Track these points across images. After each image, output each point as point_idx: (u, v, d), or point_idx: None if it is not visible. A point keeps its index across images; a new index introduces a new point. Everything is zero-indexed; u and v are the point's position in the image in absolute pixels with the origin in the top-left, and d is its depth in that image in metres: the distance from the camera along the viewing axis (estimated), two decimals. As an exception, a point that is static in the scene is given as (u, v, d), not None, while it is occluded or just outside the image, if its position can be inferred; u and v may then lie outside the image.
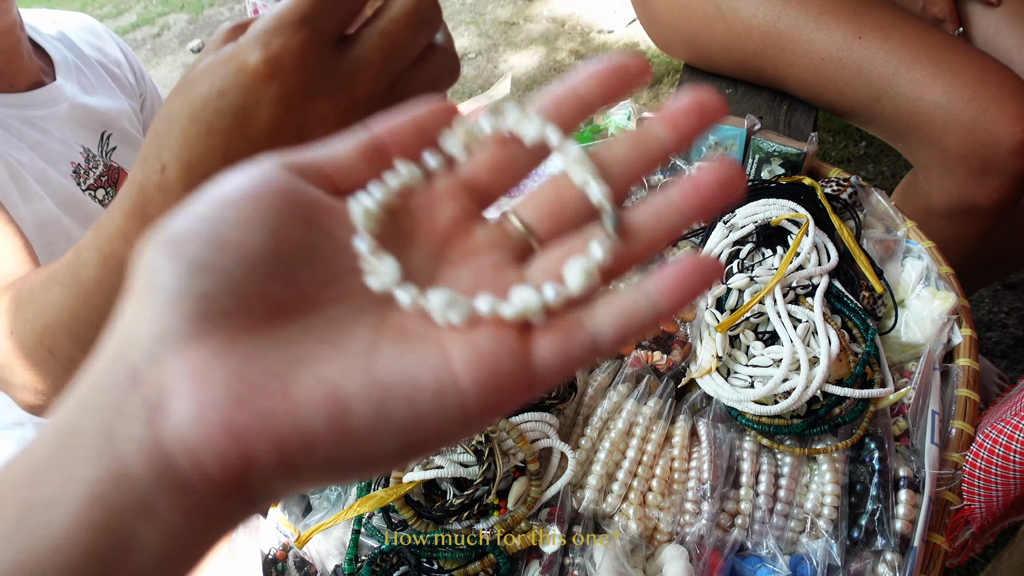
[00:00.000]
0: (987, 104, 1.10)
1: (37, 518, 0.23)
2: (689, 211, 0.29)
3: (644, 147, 0.30)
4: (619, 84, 0.30)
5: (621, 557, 0.71)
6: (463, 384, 0.26)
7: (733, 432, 0.80)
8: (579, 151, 0.30)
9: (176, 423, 0.24)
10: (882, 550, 0.73)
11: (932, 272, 0.91)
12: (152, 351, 0.25)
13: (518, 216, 0.31)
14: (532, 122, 0.30)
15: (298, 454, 0.24)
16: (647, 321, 0.27)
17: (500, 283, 0.29)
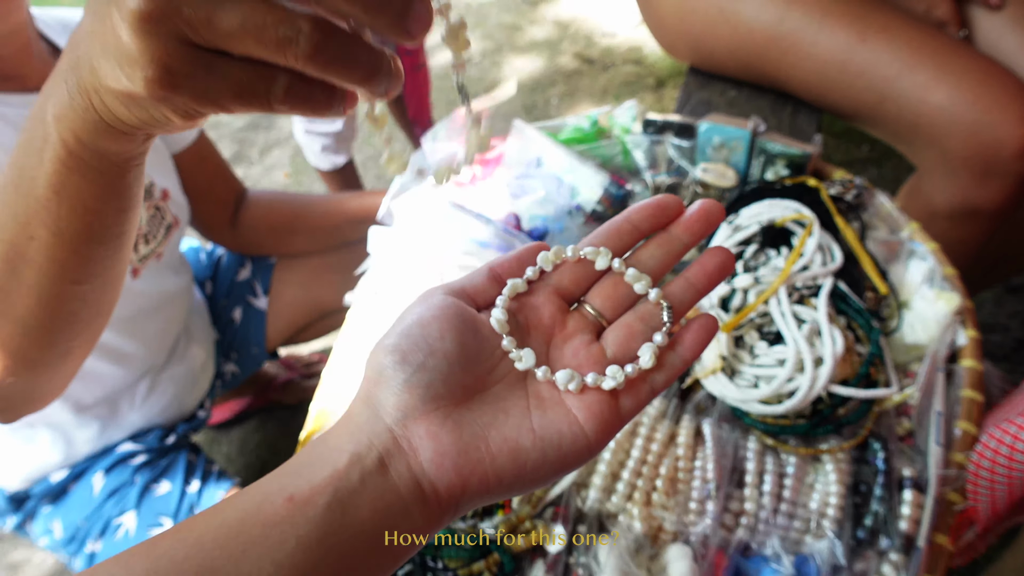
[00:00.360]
0: (990, 107, 1.10)
1: (338, 511, 0.37)
2: (702, 288, 0.47)
3: (672, 248, 0.47)
4: (663, 217, 0.47)
5: (626, 556, 0.71)
6: (587, 431, 0.42)
7: (738, 432, 0.81)
8: (635, 273, 0.46)
9: (423, 464, 0.40)
10: (886, 550, 0.73)
11: (936, 273, 0.91)
12: (399, 419, 0.40)
13: (591, 305, 0.47)
14: (602, 256, 0.47)
15: (493, 484, 0.40)
16: (680, 370, 0.45)
17: (590, 356, 0.45)
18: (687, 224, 0.47)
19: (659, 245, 0.47)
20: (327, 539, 0.37)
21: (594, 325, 0.47)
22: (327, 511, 0.37)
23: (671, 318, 0.45)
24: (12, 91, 1.02)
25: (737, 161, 1.04)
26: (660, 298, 0.46)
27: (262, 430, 1.94)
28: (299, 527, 0.37)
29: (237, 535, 0.37)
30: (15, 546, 1.80)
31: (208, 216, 1.39)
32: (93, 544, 1.19)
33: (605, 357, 0.45)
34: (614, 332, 0.46)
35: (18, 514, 1.23)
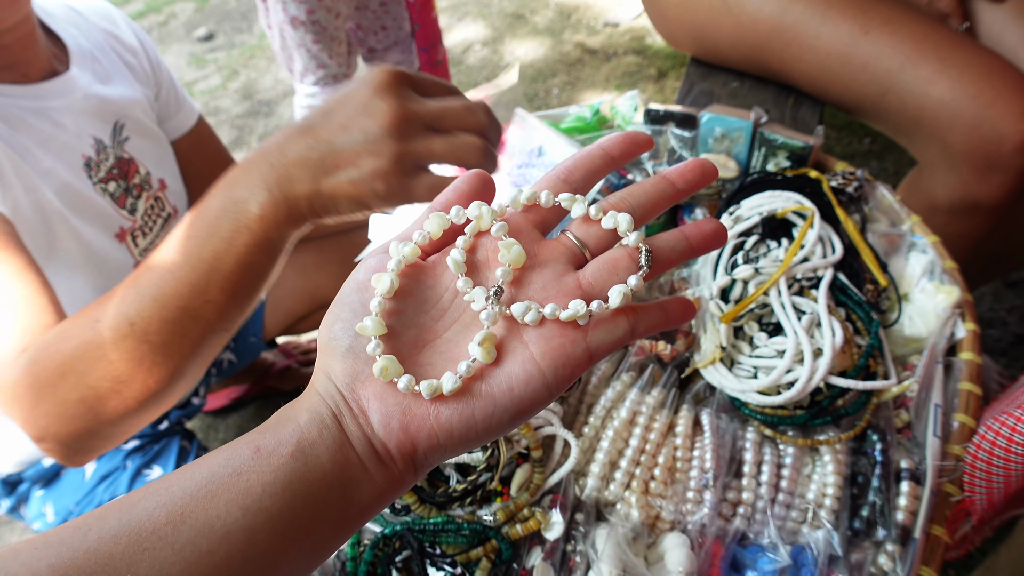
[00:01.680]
0: (992, 101, 1.10)
1: (300, 460, 0.39)
2: (696, 246, 0.46)
3: (664, 191, 0.47)
4: (635, 148, 0.48)
5: (623, 544, 0.71)
6: (543, 368, 0.41)
7: (736, 422, 0.81)
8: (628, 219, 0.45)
9: (373, 425, 0.41)
10: (883, 541, 0.73)
11: (936, 266, 0.91)
12: (348, 384, 0.41)
13: (572, 233, 0.46)
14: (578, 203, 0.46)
15: (444, 439, 0.40)
16: (663, 324, 0.45)
17: (564, 286, 0.44)
18: (681, 171, 0.47)
19: (652, 185, 0.47)
20: (291, 486, 0.38)
21: (575, 256, 0.46)
22: (290, 459, 0.39)
23: (649, 262, 0.44)
24: (11, 82, 1.01)
25: (739, 152, 1.04)
26: (640, 241, 0.44)
27: (259, 417, 1.94)
28: (264, 475, 0.38)
29: (207, 484, 0.38)
30: (11, 529, 1.81)
31: None
32: None
33: (579, 289, 0.44)
34: (596, 264, 0.45)
35: (11, 497, 1.24)
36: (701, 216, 1.05)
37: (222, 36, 3.52)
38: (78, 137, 1.08)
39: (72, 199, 1.06)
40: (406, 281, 0.44)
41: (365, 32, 2.05)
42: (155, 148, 1.24)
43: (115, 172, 1.14)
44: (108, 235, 1.14)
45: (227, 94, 3.16)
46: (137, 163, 1.19)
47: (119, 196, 1.15)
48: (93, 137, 1.11)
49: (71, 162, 1.07)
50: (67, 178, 1.05)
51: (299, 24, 1.83)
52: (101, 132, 1.13)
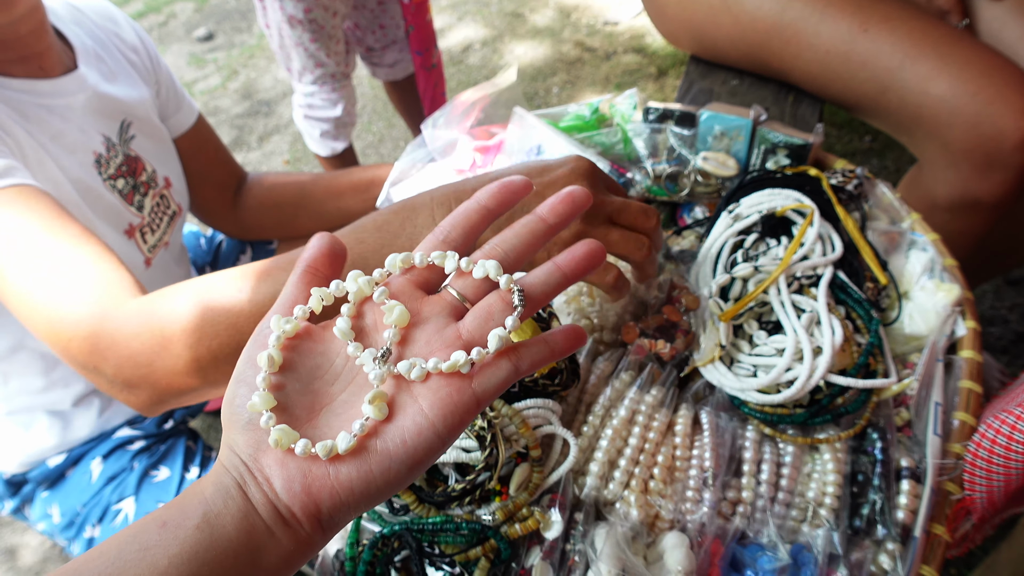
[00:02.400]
0: (992, 98, 1.10)
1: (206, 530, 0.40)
2: (570, 274, 0.48)
3: (535, 229, 0.49)
4: (512, 196, 0.50)
5: (622, 544, 0.71)
6: (433, 419, 0.43)
7: (735, 421, 0.81)
8: (495, 264, 0.47)
9: (277, 491, 0.42)
10: (883, 540, 0.73)
11: (937, 264, 0.91)
12: (251, 454, 0.43)
13: (455, 289, 0.48)
14: (450, 259, 0.48)
15: (345, 497, 0.42)
16: (548, 357, 0.46)
17: (446, 339, 0.46)
18: (552, 206, 0.49)
19: (523, 226, 0.49)
20: (199, 556, 0.40)
21: (456, 309, 0.48)
22: (196, 532, 0.41)
23: (523, 301, 0.46)
24: (27, 76, 1.02)
25: (738, 150, 1.04)
26: (511, 283, 0.46)
27: (260, 417, 1.94)
28: (171, 547, 0.40)
29: (114, 561, 0.40)
30: (13, 531, 1.81)
31: (208, 201, 1.39)
32: (92, 530, 1.20)
33: (460, 340, 0.46)
34: (473, 314, 0.47)
35: (15, 498, 1.24)
36: (700, 214, 1.05)
37: (222, 36, 3.52)
38: (88, 134, 1.09)
39: (86, 194, 1.07)
40: (293, 353, 0.47)
41: (363, 31, 2.05)
42: (160, 147, 1.25)
43: (124, 169, 1.15)
44: (118, 231, 1.15)
45: (227, 94, 3.15)
46: (144, 161, 1.19)
47: (127, 193, 1.15)
48: (102, 135, 1.12)
49: (82, 158, 1.08)
50: (80, 173, 1.06)
51: (296, 23, 1.83)
52: (109, 130, 1.13)
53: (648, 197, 1.07)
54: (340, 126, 2.04)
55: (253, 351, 0.46)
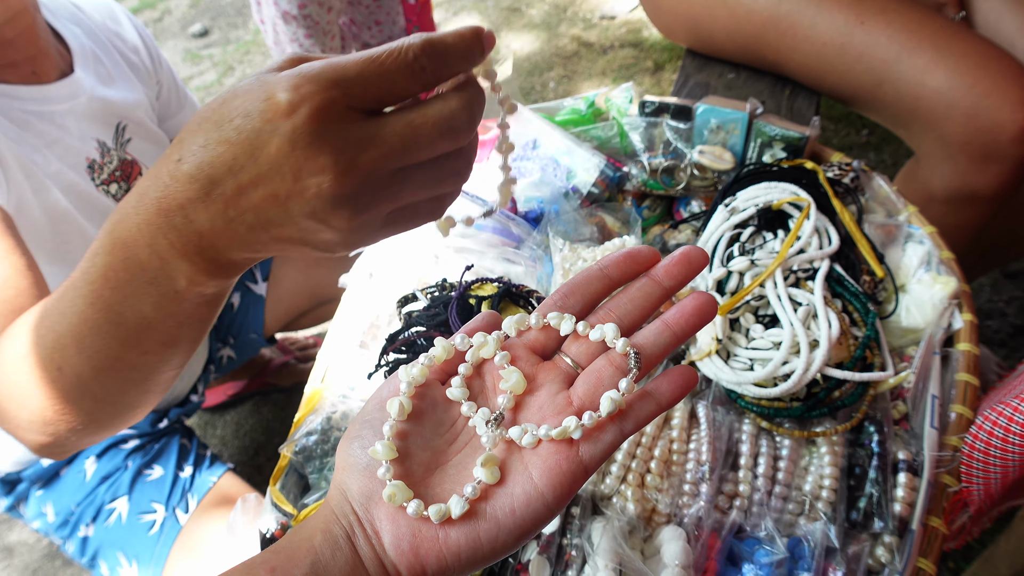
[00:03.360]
0: (989, 91, 1.09)
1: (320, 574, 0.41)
2: (680, 333, 0.47)
3: (650, 293, 0.48)
4: (636, 267, 0.48)
5: (619, 538, 0.71)
6: (542, 489, 0.43)
7: (732, 415, 0.80)
8: (613, 328, 0.47)
9: (385, 546, 0.42)
10: (880, 533, 0.73)
11: (933, 257, 0.90)
12: (363, 503, 0.43)
13: (569, 355, 0.48)
14: (566, 321, 0.48)
15: (450, 561, 0.42)
16: (655, 414, 0.45)
17: (555, 407, 0.46)
18: (667, 269, 0.48)
19: (638, 289, 0.48)
20: None
21: (568, 376, 0.48)
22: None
23: (638, 364, 0.45)
24: (18, 82, 1.00)
25: (734, 143, 1.04)
26: (627, 346, 0.46)
27: (257, 413, 1.94)
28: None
29: None
30: (10, 528, 1.80)
31: None
32: (86, 529, 1.19)
33: (571, 406, 0.46)
34: (583, 380, 0.47)
35: (10, 496, 1.23)
36: (696, 207, 1.05)
37: (217, 32, 3.51)
38: (82, 140, 1.08)
39: (78, 200, 1.06)
40: (420, 404, 0.47)
41: (359, 27, 2.04)
42: (156, 150, 1.24)
43: (118, 174, 1.13)
44: None
45: (222, 90, 3.15)
46: (140, 165, 1.18)
47: (121, 197, 1.14)
48: (96, 140, 1.10)
49: (75, 164, 1.07)
50: (72, 179, 1.05)
51: (291, 19, 1.82)
52: (104, 134, 1.12)
53: (645, 191, 1.07)
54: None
55: (385, 393, 0.47)
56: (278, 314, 1.51)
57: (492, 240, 0.96)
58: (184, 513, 1.20)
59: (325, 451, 0.82)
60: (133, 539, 1.18)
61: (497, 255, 0.97)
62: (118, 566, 1.18)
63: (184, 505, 1.20)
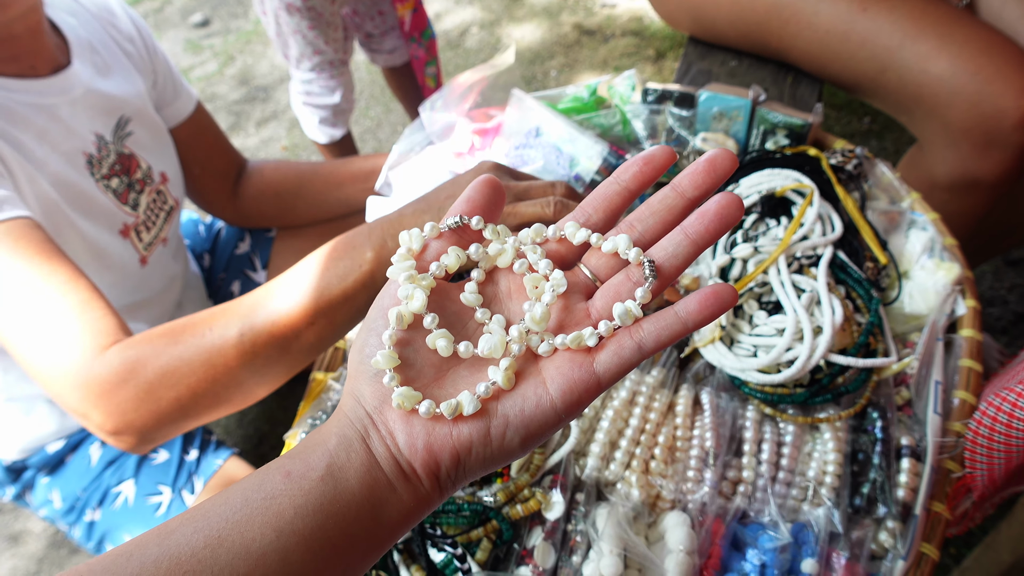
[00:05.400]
0: (992, 77, 1.09)
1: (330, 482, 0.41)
2: (699, 240, 0.44)
3: (672, 204, 0.45)
4: (652, 171, 0.46)
5: (623, 524, 0.71)
6: (553, 394, 0.42)
7: (736, 401, 0.81)
8: (625, 239, 0.45)
9: (400, 445, 0.42)
10: (883, 518, 0.73)
11: (936, 243, 0.91)
12: (376, 406, 0.43)
13: (588, 267, 0.47)
14: (580, 233, 0.47)
15: (463, 456, 0.42)
16: (678, 332, 0.42)
17: (572, 317, 0.45)
18: (691, 177, 0.44)
19: (660, 201, 0.46)
20: (323, 508, 0.40)
21: (587, 287, 0.47)
22: (321, 483, 0.41)
23: (653, 274, 0.44)
24: (15, 75, 1.00)
25: (737, 131, 1.04)
26: (640, 256, 0.44)
27: (260, 402, 1.95)
28: (296, 498, 0.40)
29: (241, 508, 0.40)
30: (16, 517, 1.81)
31: (207, 189, 1.38)
32: (92, 513, 1.20)
33: (588, 318, 0.45)
34: (601, 293, 0.46)
35: (16, 484, 1.24)
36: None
37: (218, 22, 3.50)
38: (79, 134, 1.07)
39: (75, 197, 1.06)
40: (430, 302, 0.46)
41: (361, 17, 2.04)
42: (157, 141, 1.24)
43: (117, 168, 1.13)
44: (112, 232, 1.14)
45: (223, 80, 3.14)
46: (138, 158, 1.18)
47: (121, 192, 1.14)
48: (94, 133, 1.10)
49: (73, 160, 1.06)
50: (69, 176, 1.05)
51: (294, 10, 1.82)
52: (102, 127, 1.12)
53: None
54: (338, 113, 2.03)
55: (386, 301, 0.46)
56: None
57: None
58: (191, 495, 1.20)
59: (330, 439, 0.82)
60: (140, 521, 1.18)
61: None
62: None
63: (190, 487, 1.21)
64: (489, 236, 0.48)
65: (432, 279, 0.46)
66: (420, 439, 0.42)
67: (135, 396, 0.79)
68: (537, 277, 0.46)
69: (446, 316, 0.46)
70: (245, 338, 0.77)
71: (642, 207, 0.46)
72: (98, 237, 1.10)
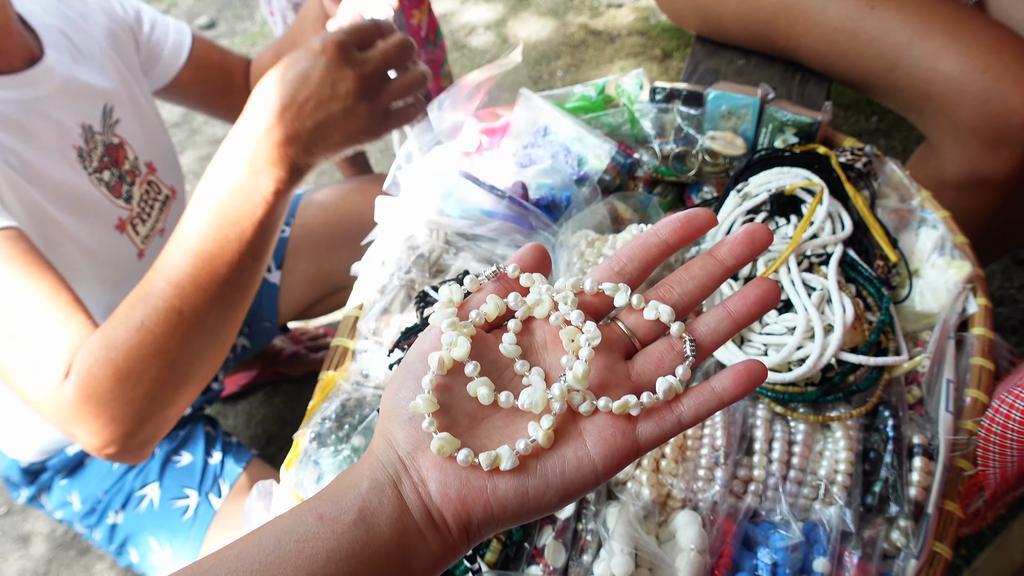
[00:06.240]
0: (1001, 75, 1.09)
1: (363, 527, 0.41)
2: (741, 320, 0.45)
3: (711, 272, 0.47)
4: (693, 231, 0.47)
5: (634, 523, 0.71)
6: (594, 457, 0.43)
7: (747, 400, 0.80)
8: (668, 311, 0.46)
9: (432, 493, 0.42)
10: (895, 517, 0.73)
11: (947, 241, 0.90)
12: (409, 452, 0.43)
13: (624, 323, 0.48)
14: (621, 293, 0.47)
15: (497, 513, 0.42)
16: (715, 407, 0.44)
17: (616, 377, 0.46)
18: (730, 248, 0.47)
19: (700, 268, 0.47)
20: (355, 553, 0.41)
21: (625, 345, 0.48)
22: (353, 528, 0.41)
23: (694, 352, 0.45)
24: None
25: (746, 129, 1.03)
26: (681, 331, 0.46)
27: (268, 403, 1.95)
28: (329, 542, 0.40)
29: (274, 550, 0.40)
30: (24, 519, 1.82)
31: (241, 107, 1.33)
32: (115, 516, 1.20)
33: (629, 380, 0.46)
34: (643, 358, 0.47)
35: (32, 486, 1.24)
36: (708, 193, 1.05)
37: (223, 24, 3.51)
38: (66, 128, 1.05)
39: (66, 197, 1.03)
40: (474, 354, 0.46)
41: (367, 16, 2.04)
42: (144, 127, 1.21)
43: (106, 160, 1.12)
44: (108, 227, 1.12)
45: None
46: (126, 147, 1.16)
47: (114, 185, 1.13)
48: (81, 125, 1.08)
49: (64, 156, 1.04)
50: (60, 176, 1.03)
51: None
52: (89, 117, 1.09)
53: (656, 177, 1.07)
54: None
55: (426, 345, 0.46)
56: (291, 302, 1.50)
57: (504, 227, 0.96)
58: (217, 498, 1.21)
59: (340, 438, 0.82)
60: (167, 524, 1.19)
61: (508, 242, 0.97)
62: (149, 551, 1.19)
63: (217, 490, 1.21)
64: (525, 283, 0.48)
65: (472, 327, 0.46)
66: (453, 488, 0.42)
67: (106, 408, 0.79)
68: (573, 330, 0.46)
69: (484, 364, 0.46)
70: (186, 315, 0.80)
71: (681, 271, 0.48)
72: (91, 236, 1.08)
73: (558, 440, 0.44)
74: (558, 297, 0.47)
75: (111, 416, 0.80)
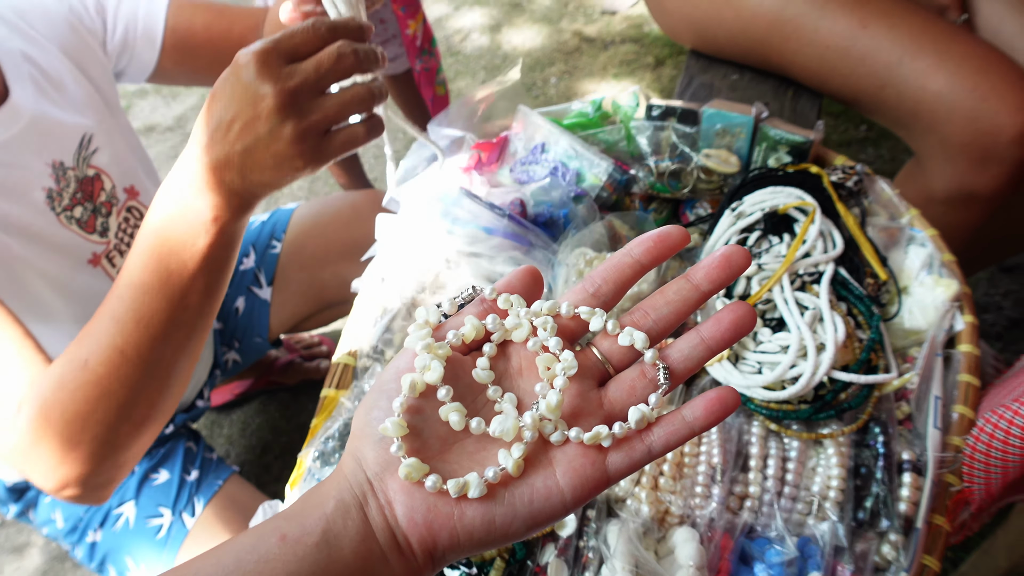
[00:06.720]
0: (988, 94, 1.11)
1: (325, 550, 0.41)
2: (715, 346, 0.45)
3: (687, 297, 0.46)
4: (666, 249, 0.46)
5: (634, 539, 0.73)
6: (563, 487, 0.43)
7: (742, 417, 0.82)
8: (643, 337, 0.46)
9: (397, 517, 0.42)
10: (886, 531, 0.75)
11: (935, 259, 0.92)
12: (378, 473, 0.43)
13: (600, 351, 0.47)
14: (596, 317, 0.47)
15: (464, 540, 0.42)
16: (685, 436, 0.44)
17: (586, 405, 0.45)
18: (707, 272, 0.46)
19: (675, 292, 0.47)
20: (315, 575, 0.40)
21: (597, 371, 0.47)
22: (315, 550, 0.41)
23: (667, 380, 0.45)
24: None
25: (740, 147, 1.06)
26: (655, 358, 0.45)
27: (263, 412, 1.96)
28: (290, 564, 0.40)
29: (234, 570, 0.40)
30: (19, 531, 1.82)
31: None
32: (94, 534, 1.20)
33: (601, 408, 0.46)
34: (616, 386, 0.46)
35: (19, 503, 1.23)
36: (703, 211, 1.07)
37: None
38: (33, 171, 1.01)
39: (34, 239, 1.00)
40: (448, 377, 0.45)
41: (363, 25, 2.04)
42: (123, 150, 1.17)
43: (79, 196, 1.07)
44: (80, 264, 1.09)
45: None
46: (103, 178, 1.11)
47: (87, 220, 1.09)
48: (51, 164, 1.03)
49: (30, 200, 1.00)
50: (26, 220, 0.99)
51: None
52: (61, 152, 1.05)
53: (652, 194, 1.09)
54: (339, 120, 2.04)
55: (401, 364, 0.46)
56: (283, 318, 1.49)
57: (503, 245, 0.98)
58: (191, 517, 1.20)
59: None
60: (140, 543, 1.18)
61: (507, 259, 0.99)
62: (126, 571, 1.19)
63: (191, 509, 1.21)
64: (503, 306, 0.48)
65: (448, 348, 0.46)
66: (420, 513, 0.42)
67: (55, 451, 0.77)
68: (549, 357, 0.46)
69: (458, 387, 0.45)
70: (128, 354, 0.75)
71: (656, 295, 0.47)
72: (61, 272, 1.05)
73: (528, 468, 0.43)
74: (537, 322, 0.47)
75: (61, 458, 0.78)
